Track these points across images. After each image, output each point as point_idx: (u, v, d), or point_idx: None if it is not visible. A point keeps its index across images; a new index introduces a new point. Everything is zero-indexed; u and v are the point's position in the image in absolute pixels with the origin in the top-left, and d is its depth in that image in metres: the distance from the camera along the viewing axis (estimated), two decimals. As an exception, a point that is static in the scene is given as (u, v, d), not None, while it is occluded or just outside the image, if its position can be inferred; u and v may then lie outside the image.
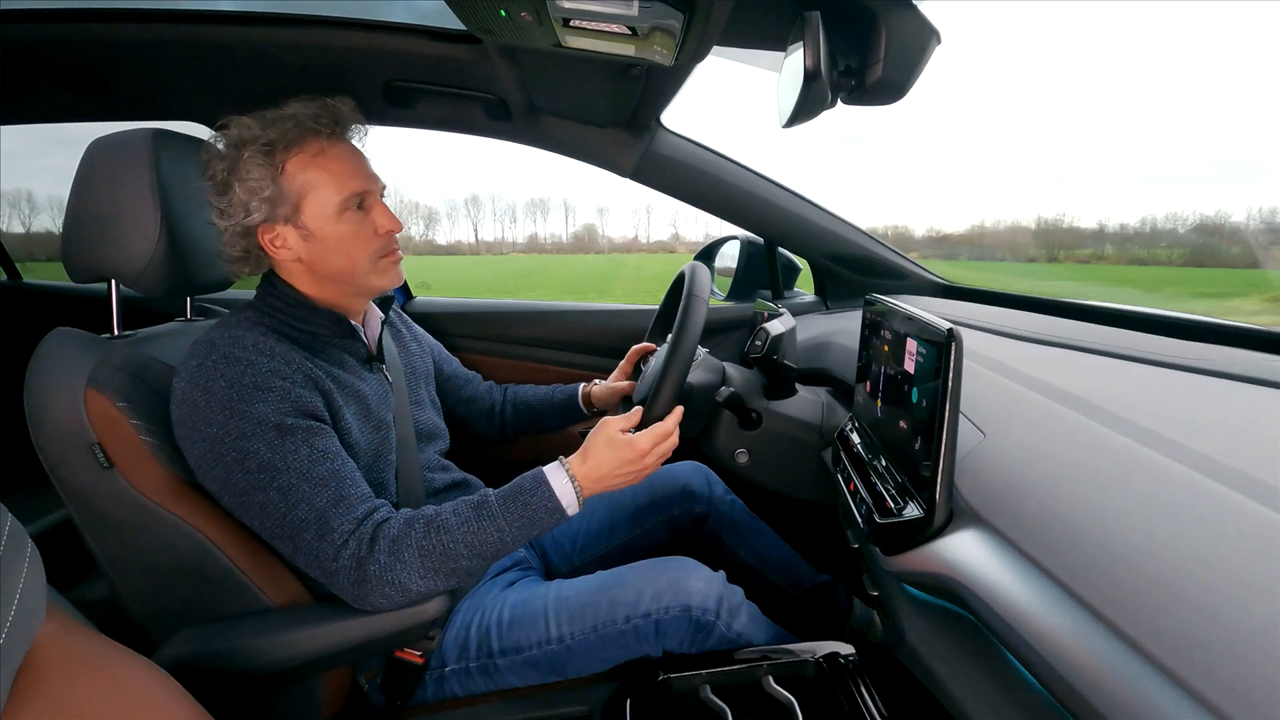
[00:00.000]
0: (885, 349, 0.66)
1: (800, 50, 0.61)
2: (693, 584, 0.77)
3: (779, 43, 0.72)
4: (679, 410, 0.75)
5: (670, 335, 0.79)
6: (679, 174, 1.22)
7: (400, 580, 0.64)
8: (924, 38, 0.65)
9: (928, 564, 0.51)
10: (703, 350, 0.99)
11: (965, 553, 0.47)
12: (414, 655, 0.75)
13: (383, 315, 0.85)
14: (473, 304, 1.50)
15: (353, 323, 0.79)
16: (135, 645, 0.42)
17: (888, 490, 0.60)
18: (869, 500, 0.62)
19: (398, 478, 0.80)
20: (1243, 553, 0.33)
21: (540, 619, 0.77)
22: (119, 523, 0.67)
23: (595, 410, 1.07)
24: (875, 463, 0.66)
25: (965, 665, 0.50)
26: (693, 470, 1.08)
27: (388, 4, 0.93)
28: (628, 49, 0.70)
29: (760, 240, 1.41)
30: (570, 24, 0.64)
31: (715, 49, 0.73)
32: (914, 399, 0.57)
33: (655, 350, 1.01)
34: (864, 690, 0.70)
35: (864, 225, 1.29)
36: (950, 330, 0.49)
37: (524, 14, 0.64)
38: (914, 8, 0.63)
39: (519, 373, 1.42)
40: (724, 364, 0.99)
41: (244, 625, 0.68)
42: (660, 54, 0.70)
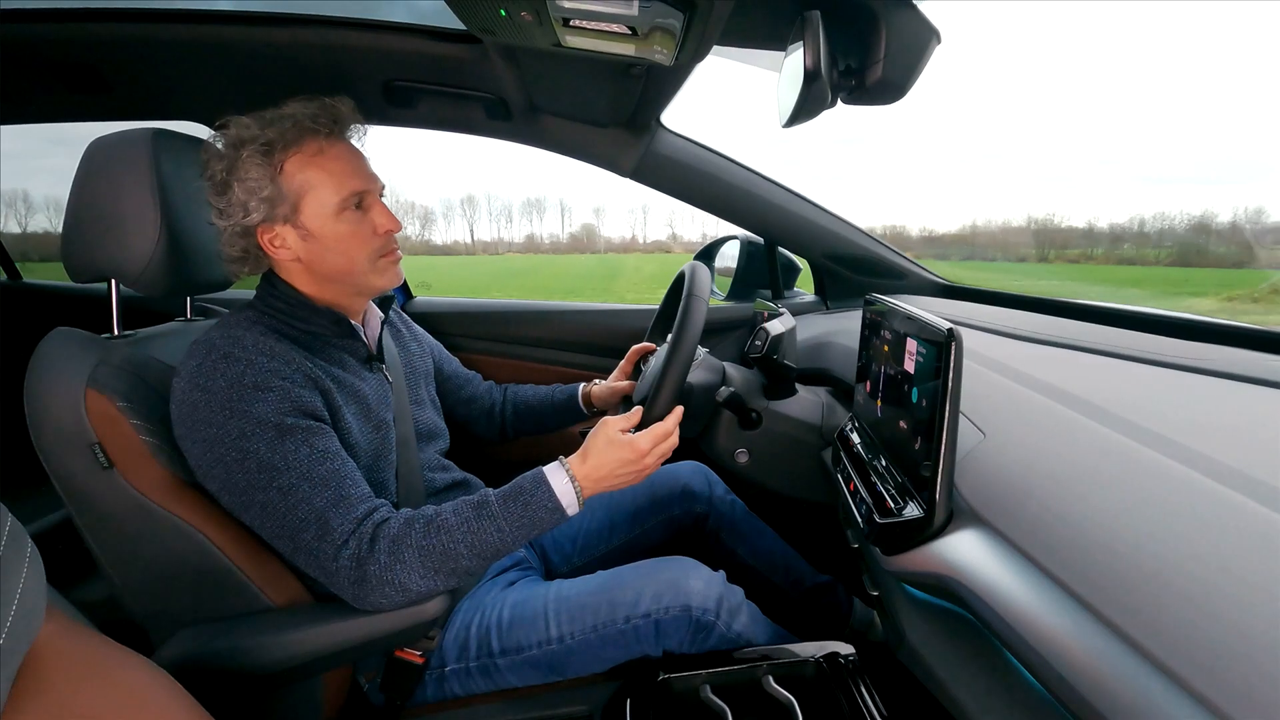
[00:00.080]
0: (885, 349, 0.66)
1: (800, 50, 0.61)
2: (693, 584, 0.77)
3: (779, 43, 0.72)
4: (679, 410, 0.75)
5: (670, 335, 0.79)
6: (679, 174, 1.22)
7: (400, 580, 0.64)
8: (924, 38, 0.65)
9: (928, 564, 0.51)
10: (703, 350, 0.99)
11: (965, 553, 0.47)
12: (414, 655, 0.75)
13: (382, 315, 0.85)
14: (473, 304, 1.49)
15: (352, 322, 0.78)
16: (135, 645, 0.42)
17: (888, 490, 0.60)
18: (869, 500, 0.61)
19: (398, 477, 0.80)
20: (1243, 552, 0.33)
21: (540, 619, 0.77)
22: (119, 523, 0.67)
23: (595, 410, 1.07)
24: (875, 463, 0.66)
25: (965, 665, 0.50)
26: (693, 470, 1.08)
27: (387, 4, 0.93)
28: (628, 49, 0.70)
29: (760, 240, 1.41)
30: (570, 24, 0.64)
31: (715, 49, 0.73)
32: (914, 399, 0.57)
33: (655, 350, 1.01)
34: (864, 690, 0.70)
35: (861, 225, 1.29)
36: (950, 330, 0.49)
37: (524, 14, 0.64)
38: (914, 8, 0.63)
39: (519, 373, 1.42)
40: (724, 364, 0.99)
41: (244, 625, 0.68)
42: (660, 54, 0.70)
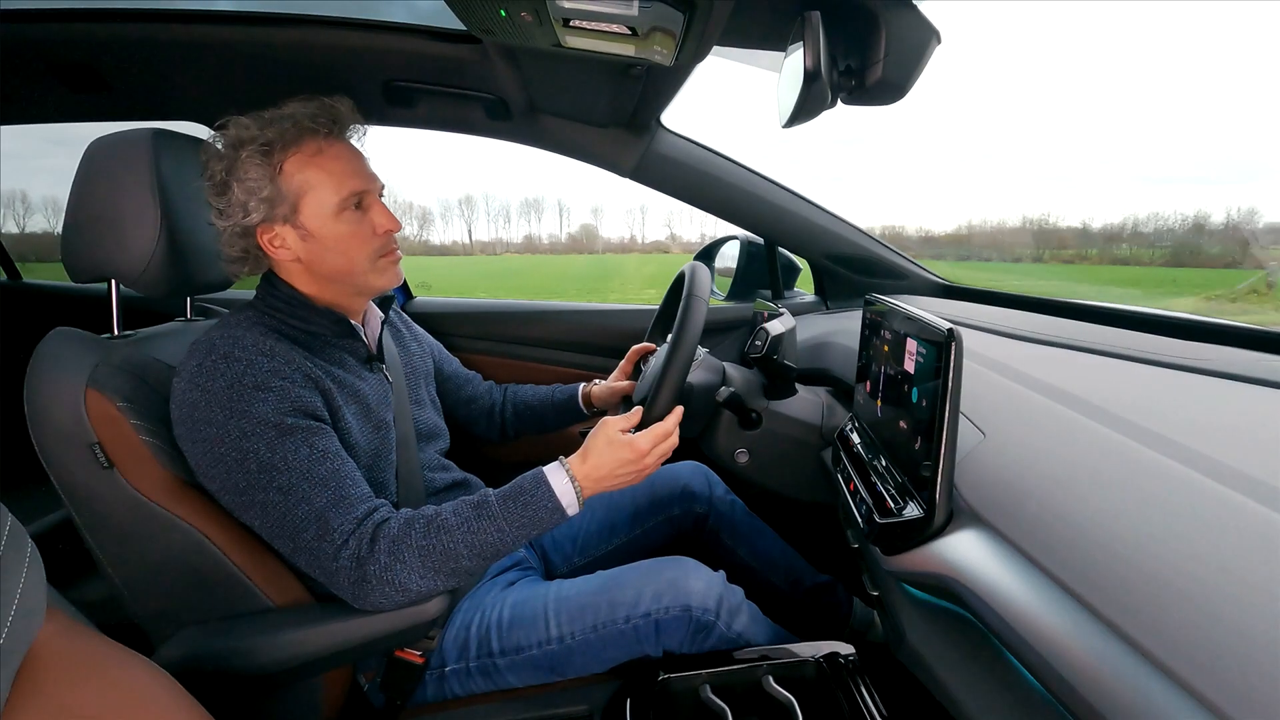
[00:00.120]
0: (885, 349, 0.66)
1: (800, 50, 0.61)
2: (693, 584, 0.77)
3: (779, 43, 0.72)
4: (679, 410, 0.75)
5: (670, 335, 0.79)
6: (679, 174, 1.22)
7: (400, 580, 0.64)
8: (924, 38, 0.65)
9: (927, 564, 0.51)
10: (703, 350, 0.99)
11: (965, 552, 0.47)
12: (414, 655, 0.75)
13: (383, 315, 0.85)
14: (473, 304, 1.49)
15: (353, 322, 0.78)
16: (135, 645, 0.42)
17: (888, 490, 0.60)
18: (869, 500, 0.61)
19: (398, 477, 0.80)
20: (1243, 552, 0.33)
21: (540, 619, 0.77)
22: (119, 523, 0.67)
23: (595, 410, 1.07)
24: (875, 463, 0.66)
25: (965, 665, 0.50)
26: (693, 470, 1.08)
27: (387, 4, 0.93)
28: (628, 49, 0.70)
29: (760, 240, 1.41)
30: (570, 24, 0.64)
31: (715, 49, 0.73)
32: (914, 399, 0.57)
33: (655, 350, 1.01)
34: (864, 690, 0.70)
35: (860, 226, 1.29)
36: (950, 330, 0.49)
37: (524, 14, 0.64)
38: (914, 8, 0.63)
39: (519, 373, 1.42)
40: (724, 364, 0.99)
41: (244, 625, 0.68)
42: (660, 54, 0.70)
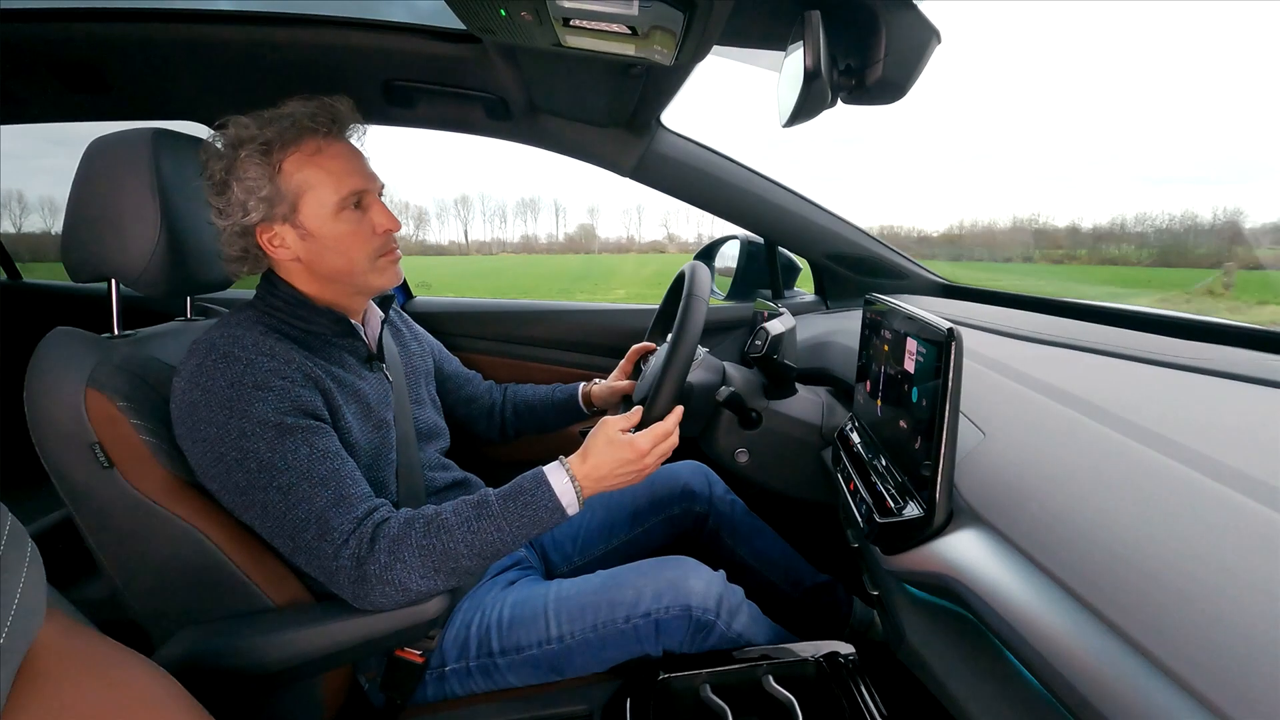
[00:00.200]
0: (885, 349, 0.66)
1: (800, 50, 0.61)
2: (693, 584, 0.77)
3: (779, 43, 0.72)
4: (679, 410, 0.75)
5: (670, 335, 0.79)
6: (679, 174, 1.22)
7: (400, 580, 0.64)
8: (924, 38, 0.65)
9: (928, 563, 0.51)
10: (703, 350, 0.99)
11: (965, 552, 0.47)
12: (414, 655, 0.75)
13: (383, 314, 0.85)
14: (473, 304, 1.49)
15: (353, 322, 0.78)
16: (135, 645, 0.42)
17: (888, 490, 0.60)
18: (869, 500, 0.61)
19: (398, 477, 0.80)
20: (1243, 552, 0.33)
21: (540, 618, 0.77)
22: (119, 523, 0.67)
23: (595, 410, 1.07)
24: (875, 462, 0.66)
25: (965, 665, 0.50)
26: (693, 470, 1.08)
27: (387, 4, 0.93)
28: (628, 49, 0.70)
29: (760, 240, 1.41)
30: (570, 24, 0.64)
31: (715, 49, 0.73)
32: (914, 399, 0.57)
33: (655, 350, 1.01)
34: (864, 690, 0.70)
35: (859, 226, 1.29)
36: (950, 330, 0.49)
37: (524, 14, 0.64)
38: (914, 7, 0.63)
39: (519, 373, 1.42)
40: (724, 364, 0.99)
41: (244, 625, 0.67)
42: (660, 54, 0.70)
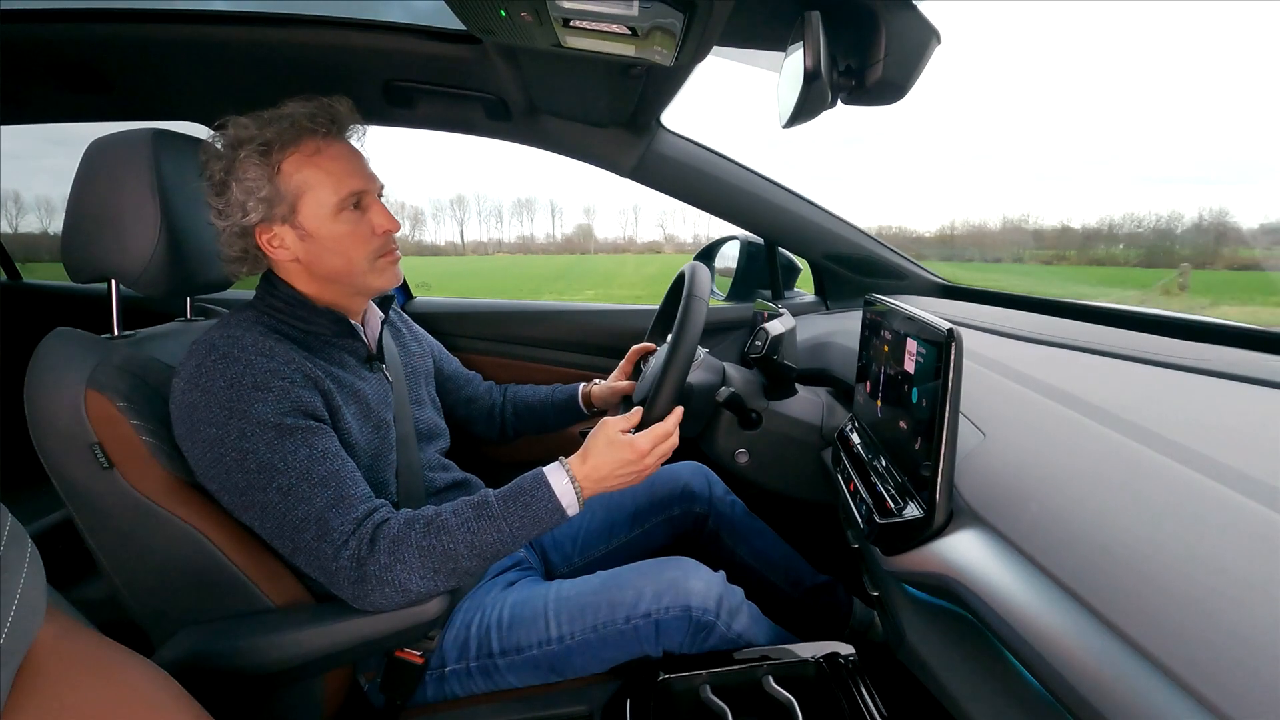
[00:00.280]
0: (885, 349, 0.66)
1: (800, 50, 0.61)
2: (693, 584, 0.77)
3: (779, 43, 0.72)
4: (679, 410, 0.75)
5: (670, 335, 0.79)
6: (679, 174, 1.22)
7: (400, 580, 0.64)
8: (924, 38, 0.65)
9: (927, 564, 0.51)
10: (703, 350, 0.99)
11: (965, 553, 0.47)
12: (414, 655, 0.75)
13: (382, 315, 0.85)
14: (473, 304, 1.49)
15: (352, 322, 0.78)
16: (135, 645, 0.42)
17: (888, 490, 0.60)
18: (869, 500, 0.61)
19: (398, 477, 0.80)
20: (1243, 553, 0.33)
21: (540, 619, 0.77)
22: (119, 523, 0.67)
23: (595, 410, 1.07)
24: (875, 463, 0.66)
25: (965, 665, 0.50)
26: (693, 470, 1.08)
27: (387, 4, 0.93)
28: (628, 49, 0.70)
29: (760, 240, 1.41)
30: (570, 24, 0.64)
31: (715, 49, 0.73)
32: (914, 399, 0.57)
33: (655, 350, 1.01)
34: (864, 690, 0.70)
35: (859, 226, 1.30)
36: (950, 330, 0.49)
37: (524, 14, 0.64)
38: (914, 8, 0.63)
39: (519, 373, 1.42)
40: (724, 364, 0.99)
41: (244, 625, 0.67)
42: (660, 54, 0.70)
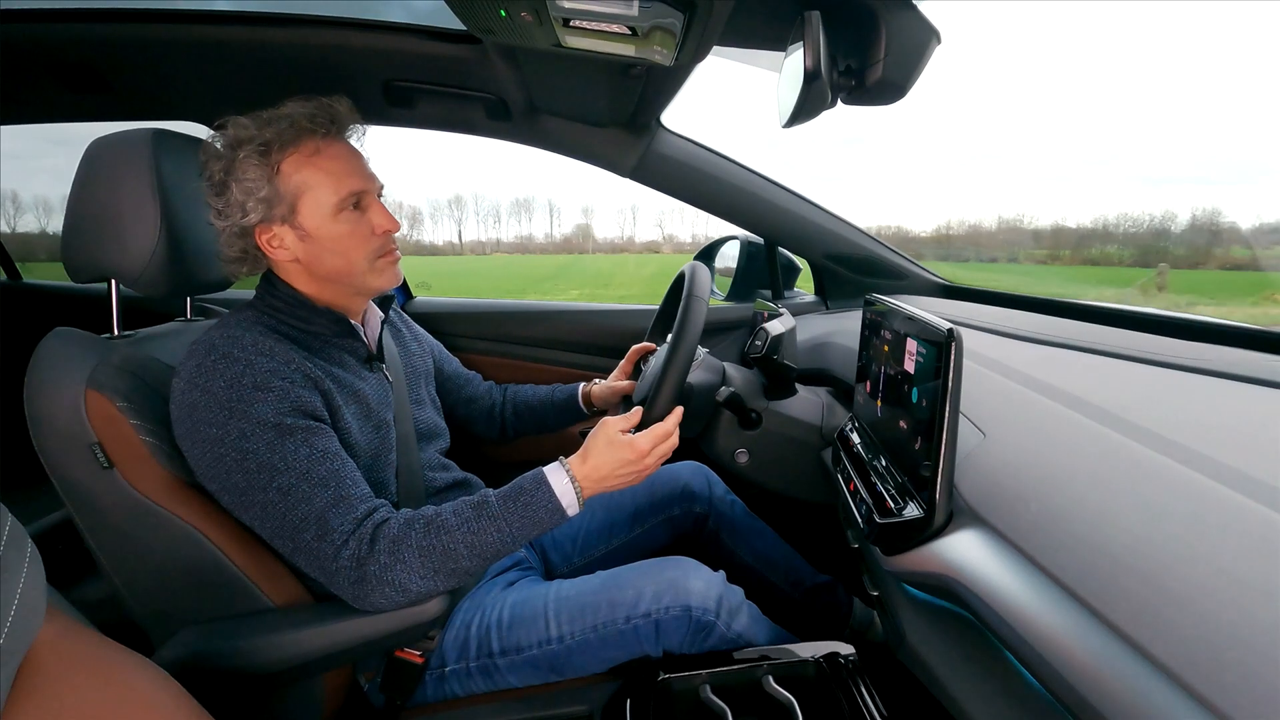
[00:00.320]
0: (885, 349, 0.66)
1: (800, 50, 0.61)
2: (693, 584, 0.77)
3: (779, 43, 0.72)
4: (679, 410, 0.75)
5: (670, 335, 0.79)
6: (679, 174, 1.22)
7: (400, 580, 0.63)
8: (924, 38, 0.65)
9: (928, 564, 0.51)
10: (703, 350, 0.99)
11: (965, 552, 0.47)
12: (414, 655, 0.75)
13: (382, 315, 0.85)
14: (473, 304, 1.49)
15: (352, 322, 0.78)
16: (135, 645, 0.42)
17: (888, 490, 0.60)
18: (869, 500, 0.61)
19: (398, 477, 0.80)
20: (1243, 553, 0.33)
21: (540, 619, 0.77)
22: (119, 523, 0.67)
23: (595, 410, 1.07)
24: (875, 463, 0.66)
25: (965, 665, 0.50)
26: (693, 470, 1.08)
27: (387, 4, 0.93)
28: (628, 49, 0.70)
29: (760, 240, 1.41)
30: (570, 24, 0.64)
31: (715, 49, 0.73)
32: (914, 399, 0.57)
33: (655, 350, 1.01)
34: (864, 690, 0.70)
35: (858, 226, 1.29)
36: (950, 330, 0.49)
37: (524, 14, 0.64)
38: (914, 8, 0.63)
39: (519, 373, 1.42)
40: (724, 364, 0.99)
41: (244, 625, 0.67)
42: (660, 54, 0.70)
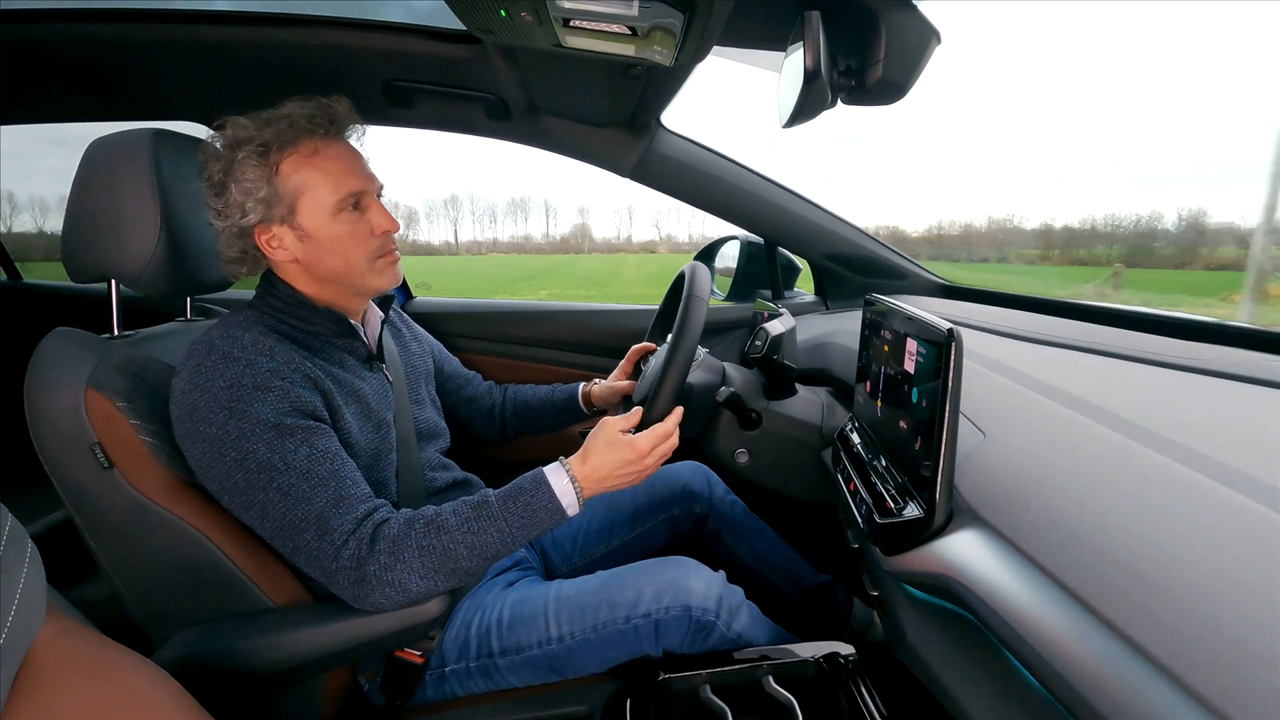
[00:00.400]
0: (885, 349, 0.66)
1: (800, 50, 0.61)
2: (693, 584, 0.77)
3: (779, 43, 0.72)
4: (679, 410, 0.75)
5: (670, 335, 0.79)
6: (679, 174, 1.22)
7: (400, 580, 0.63)
8: (924, 38, 0.65)
9: (927, 564, 0.51)
10: (703, 350, 0.99)
11: (965, 553, 0.47)
12: (414, 655, 0.75)
13: (382, 314, 0.85)
14: (473, 304, 1.50)
15: (352, 322, 0.78)
16: (135, 645, 0.42)
17: (888, 490, 0.60)
18: (869, 500, 0.61)
19: (398, 477, 0.80)
20: (1243, 553, 0.33)
21: (540, 619, 0.77)
22: (119, 523, 0.67)
23: (595, 410, 1.07)
24: (875, 463, 0.66)
25: (965, 665, 0.50)
26: (693, 470, 1.08)
27: (386, 4, 0.93)
28: (628, 49, 0.70)
29: (760, 240, 1.41)
30: (570, 24, 0.64)
31: (715, 49, 0.73)
32: (914, 399, 0.57)
33: (655, 350, 1.01)
34: (864, 690, 0.70)
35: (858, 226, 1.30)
36: (950, 330, 0.49)
37: (524, 14, 0.64)
38: (914, 8, 0.63)
39: (519, 373, 1.42)
40: (724, 364, 0.99)
41: (244, 625, 0.68)
42: (660, 54, 0.70)
